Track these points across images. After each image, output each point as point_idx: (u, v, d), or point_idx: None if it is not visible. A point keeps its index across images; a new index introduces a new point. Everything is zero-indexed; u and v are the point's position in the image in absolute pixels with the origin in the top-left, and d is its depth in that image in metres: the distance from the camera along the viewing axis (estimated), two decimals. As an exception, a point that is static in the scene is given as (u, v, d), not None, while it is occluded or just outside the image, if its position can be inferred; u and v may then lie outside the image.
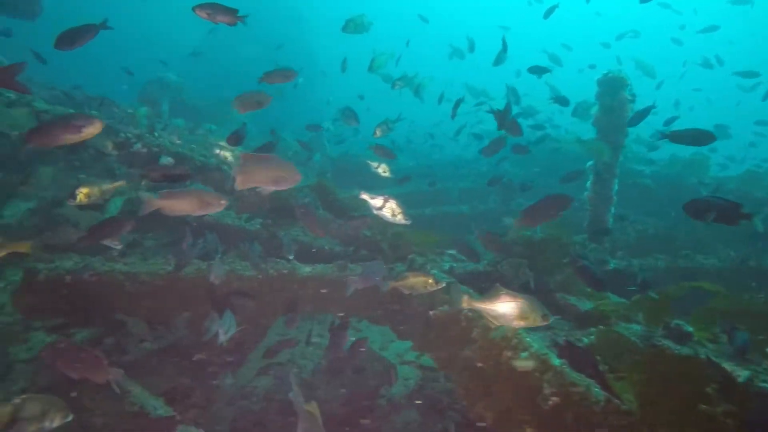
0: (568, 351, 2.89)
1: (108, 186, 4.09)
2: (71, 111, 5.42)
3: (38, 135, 3.18)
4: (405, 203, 3.83)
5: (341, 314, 4.70)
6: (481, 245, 5.76)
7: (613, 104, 6.33)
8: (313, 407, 2.19)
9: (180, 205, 3.04)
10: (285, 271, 4.77)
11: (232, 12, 3.89)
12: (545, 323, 2.58)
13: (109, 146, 5.08)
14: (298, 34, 26.69)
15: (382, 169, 5.20)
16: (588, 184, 6.93)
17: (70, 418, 2.75)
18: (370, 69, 8.55)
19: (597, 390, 2.47)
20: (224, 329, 3.97)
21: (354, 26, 7.43)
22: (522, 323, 2.58)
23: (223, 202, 3.13)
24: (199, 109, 16.06)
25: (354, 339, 4.24)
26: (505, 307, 2.44)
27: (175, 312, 4.64)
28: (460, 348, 3.64)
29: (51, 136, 3.15)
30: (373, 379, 6.05)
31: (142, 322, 4.98)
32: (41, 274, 4.17)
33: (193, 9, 3.89)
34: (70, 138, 3.13)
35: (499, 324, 2.54)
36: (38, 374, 4.80)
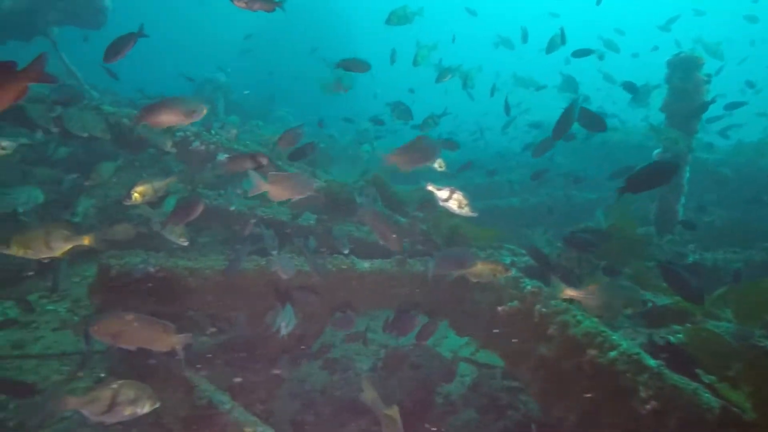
0: (662, 350, 2.65)
1: (160, 184, 4.15)
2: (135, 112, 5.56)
3: (150, 114, 3.29)
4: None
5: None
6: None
7: (687, 87, 5.88)
8: (393, 411, 2.08)
9: (285, 190, 3.16)
10: (344, 267, 4.70)
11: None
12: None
13: (169, 144, 5.18)
14: (339, 27, 26.73)
15: (438, 164, 5.04)
16: (656, 173, 6.47)
17: (158, 404, 2.79)
18: (415, 63, 8.41)
19: (707, 395, 2.23)
20: (285, 323, 3.96)
21: (397, 18, 7.30)
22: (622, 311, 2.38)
23: (314, 186, 3.24)
24: (245, 106, 16.41)
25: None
26: (606, 295, 2.27)
27: (237, 307, 4.67)
28: (532, 345, 3.45)
29: (161, 117, 3.27)
30: (431, 377, 5.92)
31: (205, 317, 5.08)
32: (113, 269, 4.27)
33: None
34: (178, 120, 3.28)
35: (600, 314, 2.37)
36: (113, 365, 4.98)
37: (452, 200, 3.57)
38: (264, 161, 3.76)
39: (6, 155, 4.72)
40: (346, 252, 5.29)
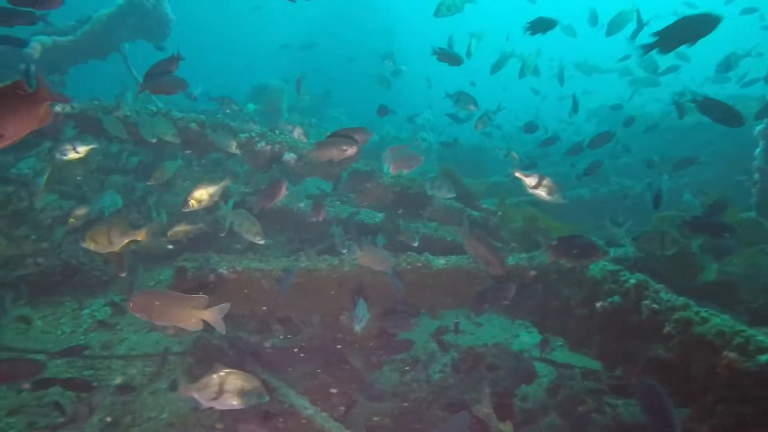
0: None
1: (216, 188, 4.16)
2: (202, 117, 5.63)
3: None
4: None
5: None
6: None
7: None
8: (508, 427, 1.84)
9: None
10: (419, 264, 4.48)
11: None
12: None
13: (233, 145, 5.16)
14: (383, 24, 26.58)
15: (513, 155, 4.73)
16: (758, 152, 5.81)
17: (266, 399, 2.73)
18: (469, 55, 8.10)
19: None
20: (358, 319, 3.80)
21: (446, 8, 6.99)
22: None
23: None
24: (300, 106, 16.61)
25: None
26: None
27: (310, 308, 4.57)
28: (640, 346, 3.08)
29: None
30: (508, 378, 5.59)
31: (277, 319, 5.02)
32: (189, 272, 4.28)
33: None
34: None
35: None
36: (192, 366, 5.04)
37: (541, 187, 3.27)
38: (351, 152, 3.63)
39: (80, 159, 4.88)
40: (415, 245, 5.08)
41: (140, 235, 3.56)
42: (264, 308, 4.36)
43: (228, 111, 8.36)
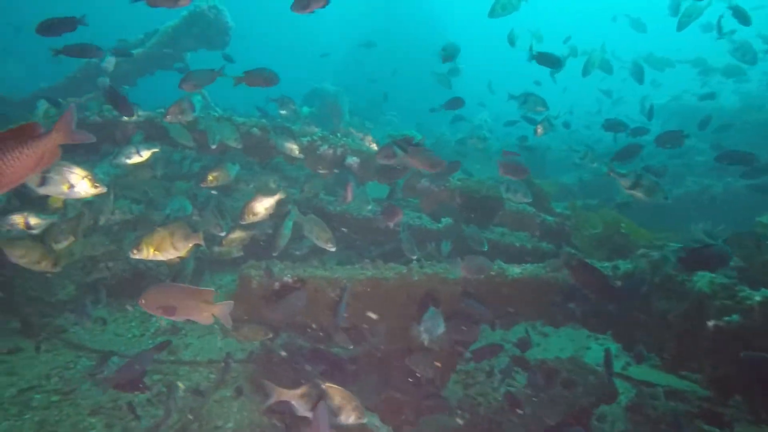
0: None
1: (270, 201, 4.16)
2: (263, 121, 5.59)
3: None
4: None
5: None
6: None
7: None
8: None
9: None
10: (492, 273, 4.17)
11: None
12: None
13: (296, 150, 5.06)
14: (434, 27, 26.28)
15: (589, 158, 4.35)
16: None
17: (364, 420, 2.58)
18: (531, 56, 7.68)
19: None
20: (429, 329, 3.55)
21: (501, 8, 6.62)
22: None
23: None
24: (355, 110, 16.62)
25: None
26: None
27: (375, 317, 4.36)
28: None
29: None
30: (586, 395, 5.15)
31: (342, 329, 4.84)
32: (254, 280, 4.19)
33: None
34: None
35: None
36: (254, 374, 4.97)
37: (640, 186, 2.89)
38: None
39: (146, 164, 4.93)
40: (484, 250, 4.77)
41: (198, 238, 3.50)
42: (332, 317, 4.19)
43: (284, 112, 8.34)
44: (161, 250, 3.35)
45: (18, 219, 4.29)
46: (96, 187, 3.08)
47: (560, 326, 4.49)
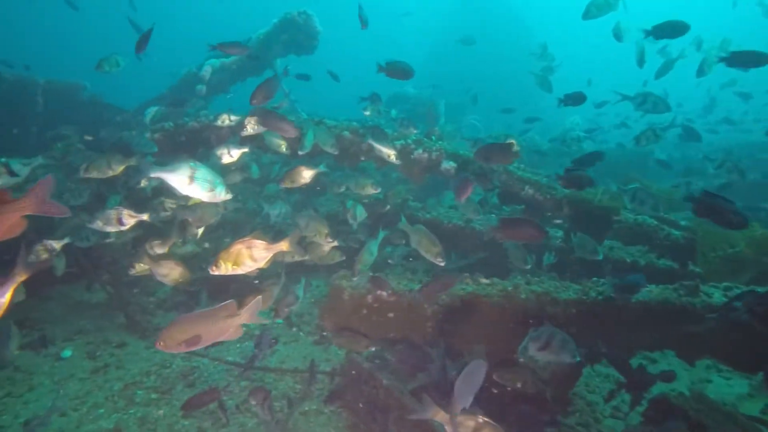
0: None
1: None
2: (354, 123, 5.41)
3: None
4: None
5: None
6: None
7: None
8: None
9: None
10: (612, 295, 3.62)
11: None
12: None
13: (391, 154, 4.79)
14: (518, 29, 25.27)
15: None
16: None
17: None
18: (640, 63, 6.91)
19: None
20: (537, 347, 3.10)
21: (596, 8, 5.95)
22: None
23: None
24: (436, 113, 16.27)
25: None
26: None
27: (477, 338, 3.95)
28: None
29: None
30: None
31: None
32: (346, 292, 3.96)
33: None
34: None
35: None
36: (339, 388, 4.76)
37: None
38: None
39: (232, 162, 4.92)
40: (598, 258, 4.19)
41: (284, 246, 3.28)
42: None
43: (368, 113, 8.15)
44: (239, 264, 3.16)
45: (113, 215, 4.41)
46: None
47: (695, 360, 3.81)
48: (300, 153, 4.28)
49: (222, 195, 3.17)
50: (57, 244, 4.39)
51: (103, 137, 8.28)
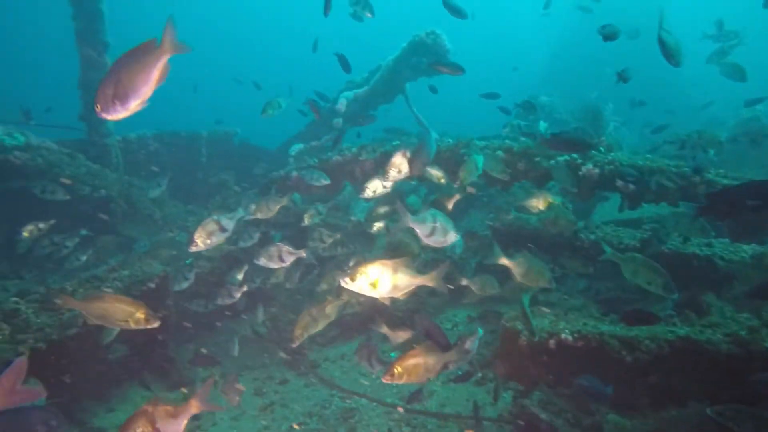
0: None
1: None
2: (507, 142, 4.91)
3: None
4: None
5: None
6: None
7: None
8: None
9: None
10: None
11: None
12: None
13: (568, 175, 4.18)
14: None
15: None
16: None
17: None
18: None
19: None
20: None
21: None
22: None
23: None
24: (569, 122, 14.91)
25: None
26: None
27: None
28: None
29: None
30: None
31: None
32: (522, 337, 3.44)
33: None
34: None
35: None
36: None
37: None
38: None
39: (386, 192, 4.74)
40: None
41: (431, 282, 2.89)
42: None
43: (508, 130, 7.63)
44: (377, 286, 2.83)
45: (274, 252, 4.50)
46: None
47: None
48: (468, 188, 3.88)
49: (453, 237, 3.02)
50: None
51: (257, 174, 8.92)
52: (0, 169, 6.52)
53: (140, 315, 2.85)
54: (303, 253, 4.26)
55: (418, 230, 3.01)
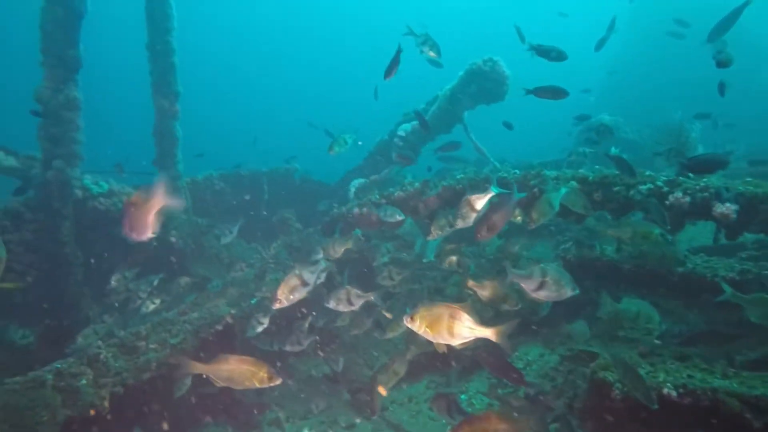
0: None
1: None
2: (581, 172, 4.60)
3: None
4: None
5: None
6: None
7: None
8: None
9: None
10: None
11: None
12: None
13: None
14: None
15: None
16: None
17: None
18: None
19: None
20: None
21: None
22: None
23: None
24: (637, 142, 14.06)
25: None
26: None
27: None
28: None
29: None
30: None
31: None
32: (614, 391, 3.08)
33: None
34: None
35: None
36: None
37: None
38: None
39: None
40: None
41: (493, 335, 2.70)
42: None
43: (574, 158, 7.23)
44: (434, 330, 2.75)
45: (343, 295, 4.46)
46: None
47: None
48: (532, 224, 3.61)
49: (570, 291, 2.87)
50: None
51: (322, 210, 9.02)
52: (89, 215, 6.97)
53: (263, 374, 3.06)
54: (371, 297, 4.14)
55: (524, 285, 2.84)
